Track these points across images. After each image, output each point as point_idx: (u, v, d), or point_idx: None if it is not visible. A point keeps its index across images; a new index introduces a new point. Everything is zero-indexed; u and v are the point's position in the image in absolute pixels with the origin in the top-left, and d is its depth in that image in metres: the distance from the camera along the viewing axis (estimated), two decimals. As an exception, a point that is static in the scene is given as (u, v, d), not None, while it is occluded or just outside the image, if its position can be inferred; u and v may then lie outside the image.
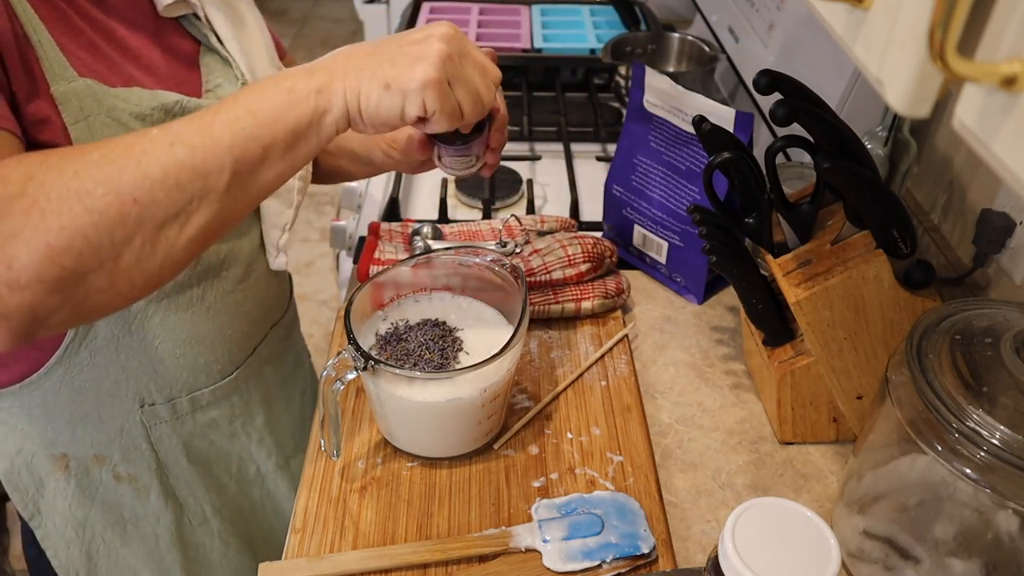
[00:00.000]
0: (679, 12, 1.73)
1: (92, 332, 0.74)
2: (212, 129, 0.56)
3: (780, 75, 0.68)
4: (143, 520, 0.87)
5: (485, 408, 0.74)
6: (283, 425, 0.95)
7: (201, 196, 0.56)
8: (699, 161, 0.91)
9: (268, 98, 0.58)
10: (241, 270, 0.82)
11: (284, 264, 0.86)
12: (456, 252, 0.81)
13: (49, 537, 0.86)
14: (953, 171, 0.90)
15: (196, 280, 0.78)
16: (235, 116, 0.57)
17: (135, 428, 0.81)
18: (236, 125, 0.57)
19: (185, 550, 0.90)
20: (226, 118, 0.57)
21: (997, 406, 0.56)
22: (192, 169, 0.55)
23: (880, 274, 0.70)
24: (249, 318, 0.85)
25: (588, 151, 1.32)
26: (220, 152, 0.56)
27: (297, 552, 0.70)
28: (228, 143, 0.56)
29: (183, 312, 0.78)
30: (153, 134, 0.56)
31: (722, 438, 0.83)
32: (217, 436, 0.87)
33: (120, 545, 0.87)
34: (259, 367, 0.89)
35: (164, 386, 0.80)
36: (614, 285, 0.96)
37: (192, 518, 0.89)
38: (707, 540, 0.73)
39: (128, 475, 0.84)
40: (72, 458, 0.81)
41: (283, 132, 0.58)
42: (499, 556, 0.69)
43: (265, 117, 0.57)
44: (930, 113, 0.34)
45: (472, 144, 0.74)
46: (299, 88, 0.58)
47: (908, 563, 0.63)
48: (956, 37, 0.30)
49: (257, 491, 0.94)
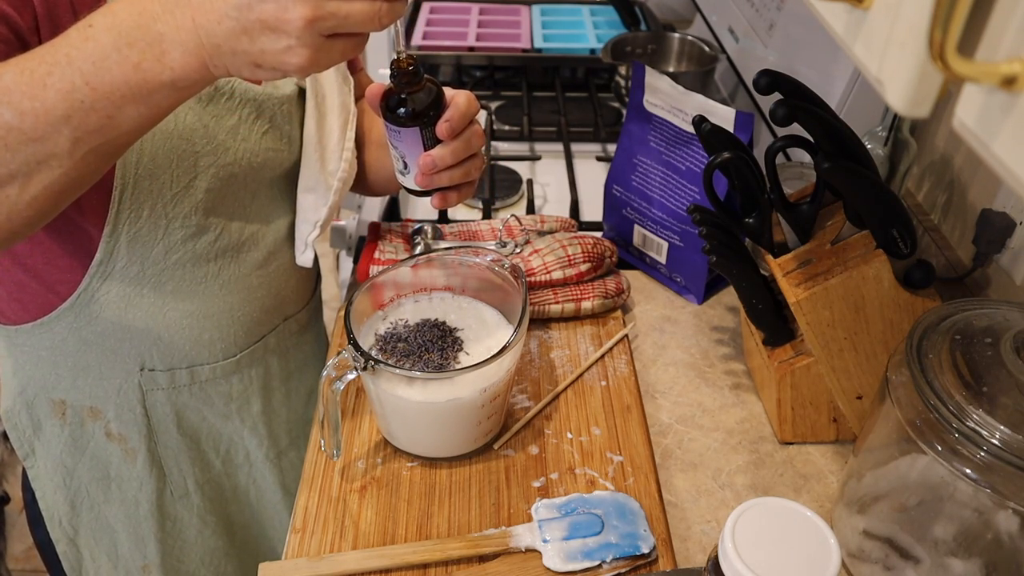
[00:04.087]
0: (679, 12, 1.73)
1: (105, 286, 0.75)
2: (44, 94, 0.52)
3: (780, 75, 0.68)
4: (127, 482, 0.88)
5: (485, 408, 0.74)
6: (280, 419, 0.95)
7: (39, 160, 0.54)
8: (699, 161, 0.91)
9: (110, 70, 0.52)
10: (261, 256, 0.83)
11: (309, 261, 0.87)
12: (456, 252, 0.81)
13: (39, 479, 0.88)
14: (953, 171, 0.90)
15: (214, 256, 0.79)
16: (71, 85, 0.52)
17: (132, 389, 0.83)
18: (72, 96, 0.52)
19: (163, 522, 0.91)
20: (60, 84, 0.51)
21: (997, 406, 0.56)
22: (22, 133, 0.52)
23: (880, 274, 0.70)
24: (261, 305, 0.86)
25: (588, 151, 1.32)
26: (54, 120, 0.52)
27: (297, 552, 0.70)
28: (63, 113, 0.52)
29: (196, 285, 0.79)
30: None
31: (722, 438, 0.83)
32: (210, 413, 0.88)
33: (102, 501, 0.89)
34: (264, 356, 0.90)
35: (166, 354, 0.82)
36: (614, 285, 0.96)
37: (174, 489, 0.90)
38: (707, 540, 0.73)
39: (119, 434, 0.85)
40: (69, 406, 0.83)
41: (131, 102, 0.53)
42: (499, 556, 0.69)
43: (104, 95, 0.52)
44: (930, 113, 0.34)
45: (404, 131, 0.68)
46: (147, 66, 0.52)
47: (908, 563, 0.63)
48: (956, 37, 0.30)
49: (243, 476, 0.95)
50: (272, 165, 0.81)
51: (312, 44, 0.51)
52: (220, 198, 0.77)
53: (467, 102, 0.70)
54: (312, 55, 0.52)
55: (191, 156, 0.73)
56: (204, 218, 0.76)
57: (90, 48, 0.52)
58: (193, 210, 0.75)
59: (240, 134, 0.76)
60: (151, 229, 0.74)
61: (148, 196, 0.72)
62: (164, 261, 0.76)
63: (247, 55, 0.52)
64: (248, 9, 0.50)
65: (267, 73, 0.53)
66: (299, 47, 0.51)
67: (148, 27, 0.51)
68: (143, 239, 0.74)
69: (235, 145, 0.76)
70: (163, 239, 0.75)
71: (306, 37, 0.51)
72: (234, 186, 0.78)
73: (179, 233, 0.75)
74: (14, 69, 0.52)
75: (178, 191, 0.73)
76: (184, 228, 0.75)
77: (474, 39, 1.51)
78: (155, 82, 0.53)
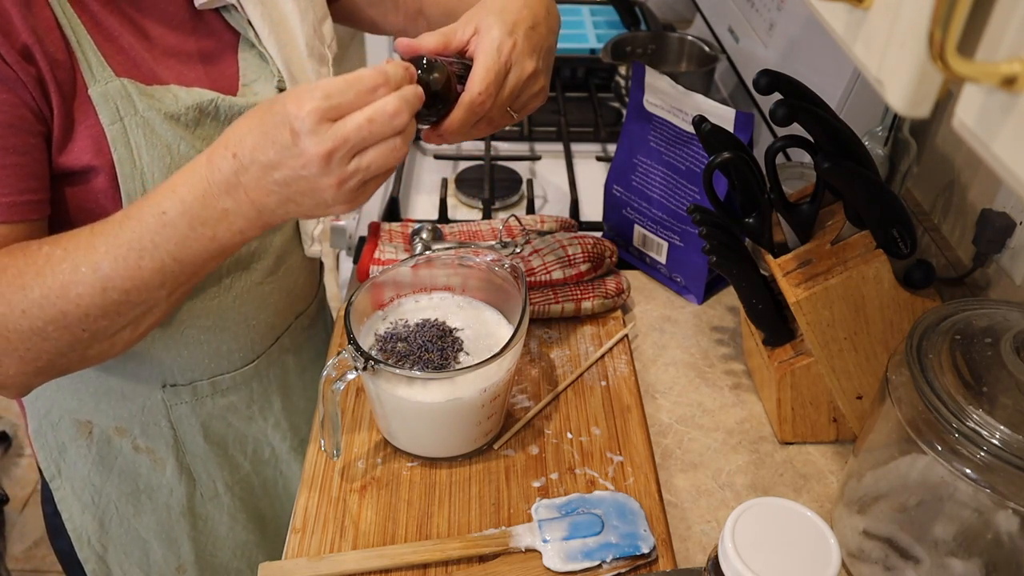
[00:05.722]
0: (679, 12, 1.73)
1: None
2: (140, 275, 0.61)
3: (780, 75, 0.68)
4: (157, 491, 0.89)
5: (485, 408, 0.74)
6: (300, 410, 0.96)
7: (145, 312, 0.65)
8: (699, 161, 0.91)
9: (191, 247, 0.61)
10: (271, 262, 0.84)
11: (319, 252, 0.89)
12: (456, 252, 0.81)
13: (66, 500, 0.88)
14: (953, 171, 0.90)
15: (225, 271, 0.80)
16: (161, 263, 0.61)
17: (156, 406, 0.84)
18: (165, 271, 0.62)
19: (194, 522, 0.92)
20: (152, 264, 0.61)
21: (997, 406, 0.56)
22: (129, 304, 0.63)
23: (880, 274, 0.70)
24: (275, 309, 0.87)
25: (588, 151, 1.32)
26: (152, 288, 0.62)
27: (297, 552, 0.70)
28: (159, 283, 0.62)
29: (209, 301, 0.80)
30: (83, 274, 0.61)
31: (722, 438, 0.83)
32: (235, 419, 0.89)
33: (132, 515, 0.89)
34: (280, 356, 0.91)
35: (186, 369, 0.83)
36: (614, 285, 0.96)
37: (204, 492, 0.91)
38: (707, 540, 0.73)
39: (147, 447, 0.86)
40: (95, 426, 0.84)
41: (212, 261, 0.64)
42: (499, 556, 0.69)
43: (191, 262, 0.62)
44: (930, 113, 0.34)
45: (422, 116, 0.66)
46: (221, 236, 0.61)
47: (908, 563, 0.63)
48: (956, 37, 0.30)
49: (270, 471, 0.96)
50: None
51: (347, 199, 0.59)
52: None
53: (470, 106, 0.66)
54: (350, 205, 0.60)
55: None
56: None
57: (170, 233, 0.60)
58: None
59: None
60: None
61: None
62: None
63: (298, 213, 0.61)
64: (286, 185, 0.58)
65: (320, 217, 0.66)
66: (335, 205, 0.60)
67: (214, 207, 0.59)
68: None
69: None
70: None
71: (340, 196, 0.59)
72: None
73: None
74: (107, 257, 0.61)
75: None
76: None
77: (474, 39, 1.51)
78: (229, 245, 0.62)
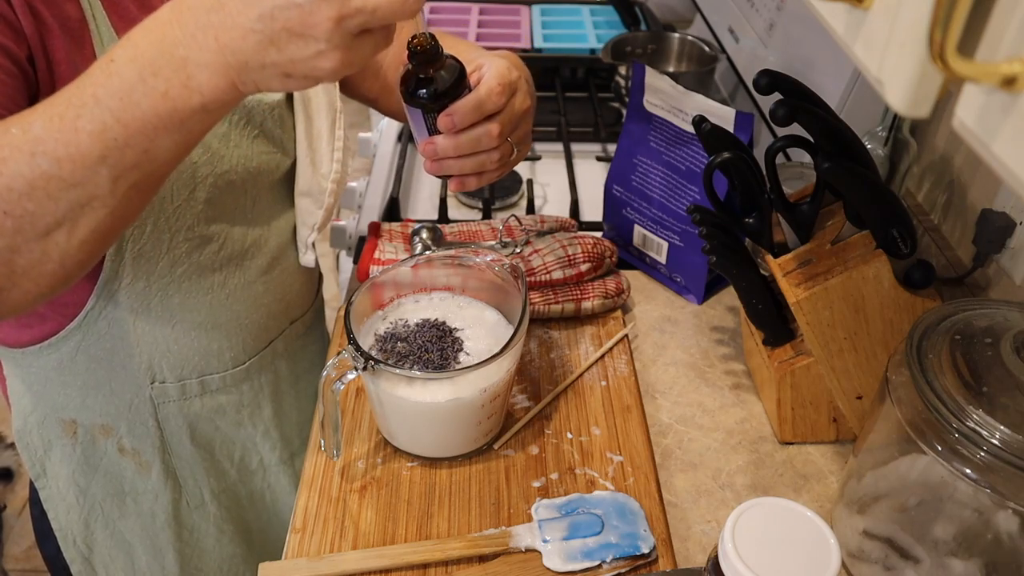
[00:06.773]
0: (679, 12, 1.73)
1: (113, 302, 0.75)
2: (77, 138, 0.51)
3: (780, 75, 0.68)
4: (142, 496, 0.88)
5: (485, 408, 0.74)
6: (291, 421, 0.95)
7: (82, 204, 0.53)
8: (699, 161, 0.91)
9: (138, 103, 0.51)
10: (265, 262, 0.83)
11: (311, 262, 0.88)
12: (456, 252, 0.81)
13: (52, 499, 0.88)
14: (953, 171, 0.90)
15: (219, 266, 0.79)
16: (102, 124, 0.51)
17: (143, 403, 0.83)
18: (105, 135, 0.51)
19: (180, 532, 0.91)
20: (92, 126, 0.51)
21: (997, 406, 0.56)
22: (61, 180, 0.51)
23: (880, 274, 0.70)
24: (268, 311, 0.86)
25: (588, 151, 1.32)
26: (91, 163, 0.51)
27: (297, 552, 0.70)
28: (98, 154, 0.51)
29: (202, 296, 0.79)
30: (12, 135, 0.51)
31: (722, 438, 0.83)
32: (223, 422, 0.88)
33: (118, 517, 0.89)
34: (273, 360, 0.90)
35: (175, 365, 0.81)
36: (614, 285, 0.96)
37: (190, 500, 0.90)
38: (707, 540, 0.73)
39: (132, 449, 0.85)
40: (80, 425, 0.83)
41: (164, 132, 0.52)
42: (499, 556, 0.69)
43: (139, 126, 0.51)
44: (930, 113, 0.34)
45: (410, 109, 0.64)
46: (174, 93, 0.51)
47: (908, 563, 0.63)
48: (956, 37, 0.30)
49: (258, 482, 0.95)
50: (268, 169, 0.81)
51: (342, 45, 0.49)
52: (221, 207, 0.77)
53: (480, 100, 0.65)
54: (343, 56, 0.50)
55: (188, 168, 0.73)
56: (207, 228, 0.76)
57: (115, 84, 0.50)
58: (195, 221, 0.75)
59: (232, 140, 0.76)
60: (155, 244, 0.74)
61: (150, 212, 0.72)
62: (170, 275, 0.76)
63: (276, 66, 0.50)
64: (272, 19, 0.48)
65: (298, 82, 0.52)
66: (329, 50, 0.49)
67: (171, 54, 0.50)
68: (148, 255, 0.74)
69: (229, 152, 0.76)
70: (167, 253, 0.75)
71: (335, 38, 0.49)
72: (233, 193, 0.78)
73: (183, 246, 0.75)
74: (43, 116, 0.51)
75: (179, 204, 0.73)
76: (188, 240, 0.75)
77: (474, 39, 1.51)
78: (185, 109, 0.51)
